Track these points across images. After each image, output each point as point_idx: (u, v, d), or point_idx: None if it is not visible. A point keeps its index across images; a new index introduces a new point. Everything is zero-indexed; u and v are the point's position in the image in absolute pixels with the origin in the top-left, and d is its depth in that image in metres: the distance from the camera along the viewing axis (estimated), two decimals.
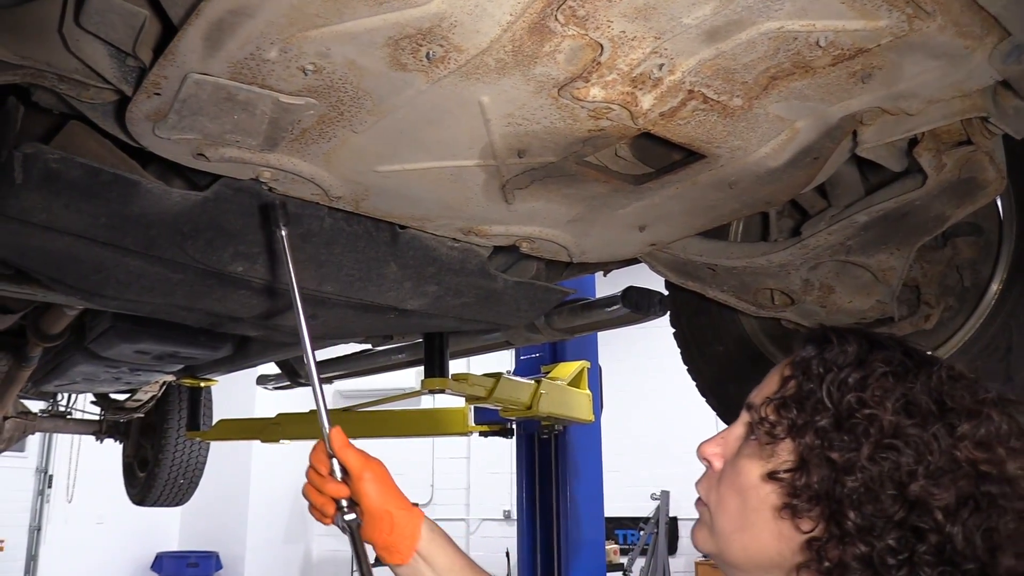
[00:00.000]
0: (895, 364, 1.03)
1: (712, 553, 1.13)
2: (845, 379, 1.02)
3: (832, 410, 1.00)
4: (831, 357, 1.05)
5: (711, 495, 1.13)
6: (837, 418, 1.00)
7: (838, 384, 1.02)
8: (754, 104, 1.34)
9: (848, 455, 0.97)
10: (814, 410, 1.01)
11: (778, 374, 1.11)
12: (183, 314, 2.27)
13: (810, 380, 1.04)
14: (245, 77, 1.16)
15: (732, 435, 1.15)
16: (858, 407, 0.99)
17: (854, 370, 1.02)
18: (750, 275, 2.06)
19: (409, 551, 1.29)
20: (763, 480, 1.04)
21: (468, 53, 1.11)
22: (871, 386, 1.00)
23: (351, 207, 1.61)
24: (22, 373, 4.35)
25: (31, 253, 1.80)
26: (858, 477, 0.96)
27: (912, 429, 0.97)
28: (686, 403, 11.01)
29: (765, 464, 1.05)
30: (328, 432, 1.29)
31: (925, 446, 0.96)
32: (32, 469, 10.33)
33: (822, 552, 0.99)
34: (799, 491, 1.00)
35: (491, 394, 3.44)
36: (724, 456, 1.14)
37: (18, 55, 1.19)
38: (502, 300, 2.11)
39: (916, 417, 0.98)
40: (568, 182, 1.55)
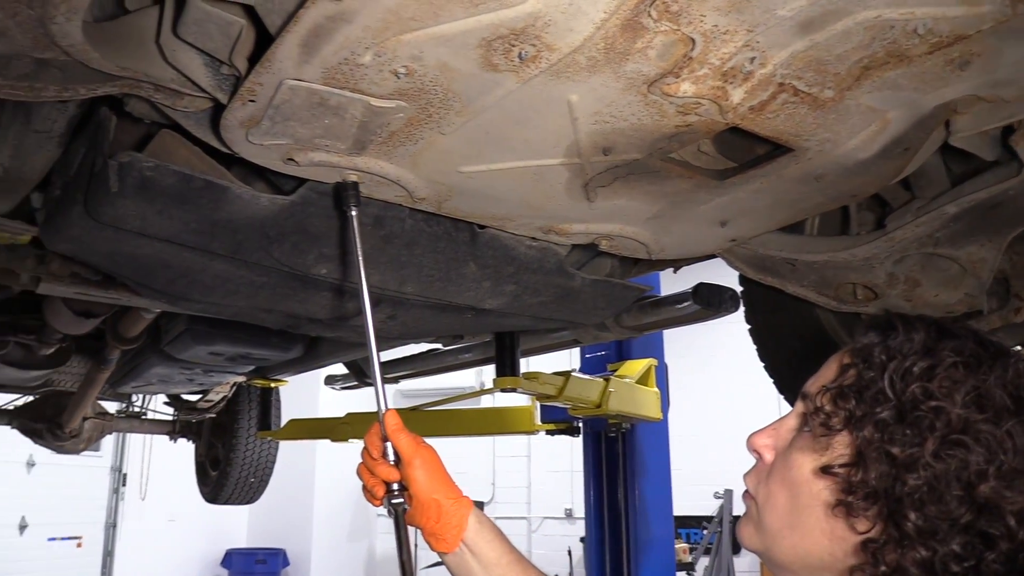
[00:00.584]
0: (967, 354, 0.96)
1: (759, 551, 1.08)
2: (910, 368, 0.95)
3: (894, 401, 0.94)
4: (895, 345, 0.98)
5: (760, 489, 1.08)
6: (900, 410, 0.93)
7: (902, 373, 0.95)
8: (845, 95, 1.31)
9: (911, 450, 0.91)
10: (874, 401, 0.95)
11: (837, 362, 1.04)
12: (263, 316, 2.32)
13: (871, 369, 0.98)
14: (338, 82, 1.18)
15: (785, 426, 1.09)
16: (923, 399, 0.92)
17: (920, 359, 0.95)
18: (831, 269, 2.02)
19: (455, 540, 1.28)
20: (816, 475, 0.98)
21: (560, 52, 1.11)
22: (938, 376, 0.93)
23: (434, 208, 1.62)
24: (101, 375, 4.49)
25: (122, 259, 1.85)
26: (921, 475, 0.90)
27: (983, 425, 0.90)
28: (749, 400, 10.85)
29: (819, 457, 0.99)
30: (383, 414, 1.29)
31: (998, 444, 0.89)
32: (107, 468, 10.66)
33: (878, 555, 0.92)
34: (855, 488, 0.94)
35: (561, 392, 3.43)
36: (775, 448, 1.08)
37: (118, 66, 1.23)
38: (579, 298, 2.10)
39: (988, 412, 0.91)
40: (651, 179, 1.54)
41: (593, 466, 5.25)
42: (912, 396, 0.93)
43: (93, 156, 1.60)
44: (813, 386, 1.05)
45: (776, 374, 2.55)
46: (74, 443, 5.51)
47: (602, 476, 5.19)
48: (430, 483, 1.28)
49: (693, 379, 10.03)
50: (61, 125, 1.68)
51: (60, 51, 1.12)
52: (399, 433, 1.29)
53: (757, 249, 2.04)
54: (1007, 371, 0.95)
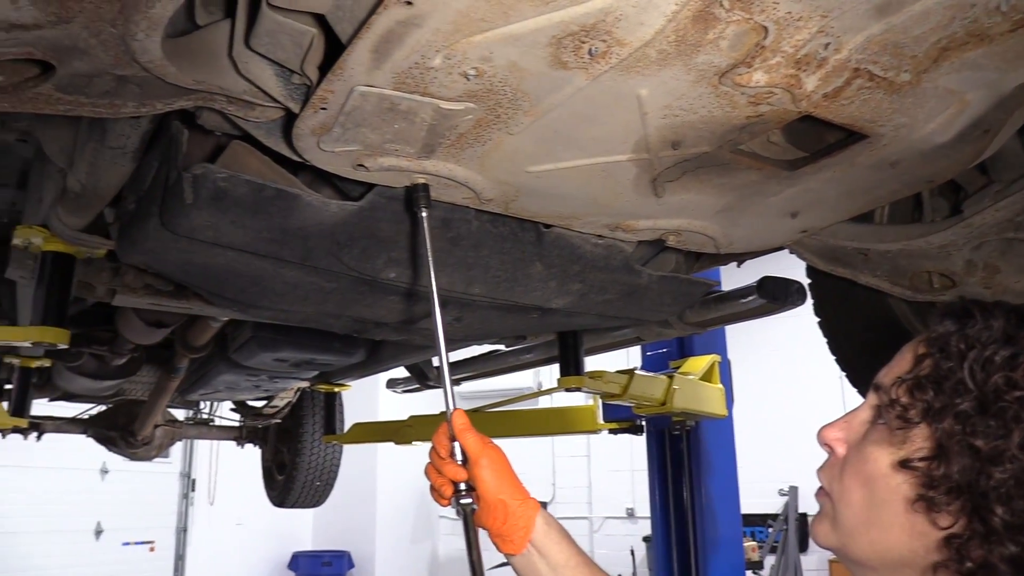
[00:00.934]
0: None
1: (835, 548, 1.04)
2: (991, 357, 0.91)
3: (975, 392, 0.91)
4: (974, 333, 0.95)
5: (834, 485, 1.05)
6: (981, 401, 0.90)
7: (983, 363, 0.91)
8: (923, 78, 1.27)
9: (995, 443, 0.88)
10: (954, 392, 0.92)
11: (911, 352, 1.01)
12: (331, 321, 2.35)
13: (949, 358, 0.94)
14: (408, 86, 1.18)
15: (857, 418, 1.06)
16: (1007, 388, 0.89)
17: (1001, 347, 0.92)
18: (906, 258, 1.97)
19: (522, 541, 1.27)
20: (894, 469, 0.95)
21: (631, 47, 1.10)
22: (1022, 365, 0.90)
23: (500, 209, 1.62)
24: (171, 383, 4.60)
25: (195, 269, 1.89)
26: (1008, 468, 0.86)
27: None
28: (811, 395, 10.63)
29: (896, 451, 0.96)
30: (451, 413, 1.29)
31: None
32: (177, 474, 10.92)
33: (963, 551, 0.89)
34: (936, 482, 0.91)
35: (626, 391, 3.41)
36: (848, 441, 1.05)
37: (193, 80, 1.25)
38: (646, 295, 2.08)
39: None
40: (720, 171, 1.52)
41: (658, 465, 5.20)
42: (995, 386, 0.90)
43: (167, 170, 1.64)
44: (887, 377, 1.02)
45: (848, 367, 2.49)
46: (146, 450, 5.66)
47: (667, 475, 5.14)
48: (497, 483, 1.27)
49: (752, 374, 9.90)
50: (135, 141, 1.72)
51: (139, 67, 1.15)
52: (466, 432, 1.29)
53: (827, 240, 2.00)
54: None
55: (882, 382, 1.03)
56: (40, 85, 1.13)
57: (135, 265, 2.39)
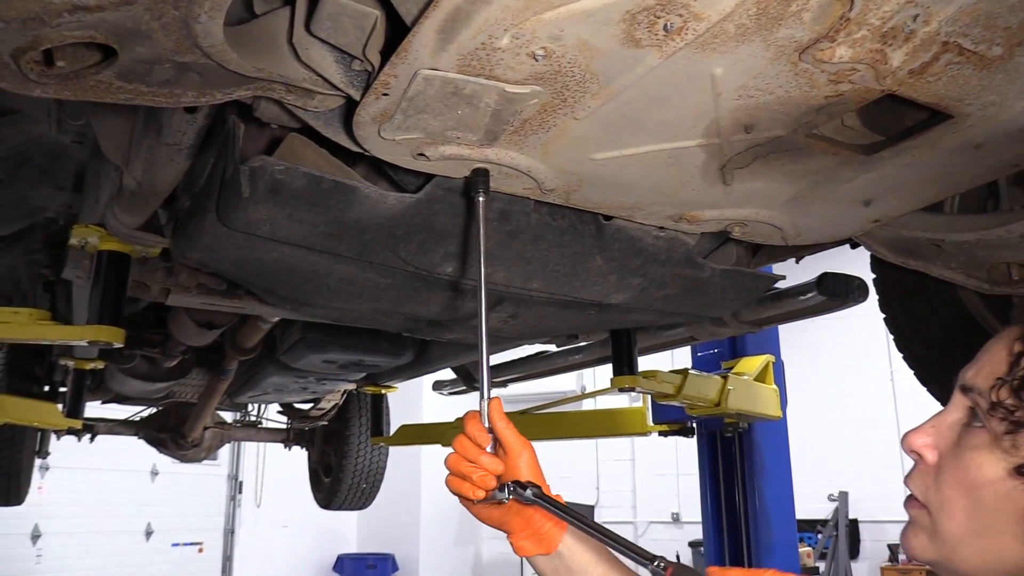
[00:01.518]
0: None
1: (934, 562, 0.98)
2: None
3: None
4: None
5: (930, 495, 0.98)
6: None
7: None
8: (1016, 52, 1.20)
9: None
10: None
11: (1005, 349, 0.95)
12: (384, 319, 2.32)
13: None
14: (473, 69, 1.14)
15: (945, 422, 1.00)
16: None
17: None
18: (983, 249, 1.88)
19: (554, 541, 1.24)
20: (1009, 475, 0.90)
21: (709, 20, 1.04)
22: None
23: (561, 199, 1.57)
24: (220, 385, 4.64)
25: (250, 265, 1.87)
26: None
27: None
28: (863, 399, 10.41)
29: (1008, 457, 0.91)
30: (488, 403, 1.22)
31: None
32: (224, 476, 11.05)
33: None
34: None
35: (680, 391, 3.33)
36: (938, 448, 1.00)
37: (254, 67, 1.22)
38: (708, 290, 2.02)
39: None
40: (793, 157, 1.46)
41: (709, 468, 5.11)
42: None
43: (223, 164, 1.62)
44: (979, 377, 0.96)
45: (917, 364, 2.40)
46: (196, 452, 5.71)
47: (719, 478, 5.05)
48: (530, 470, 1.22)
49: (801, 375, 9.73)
50: (190, 137, 1.71)
51: (200, 53, 1.12)
52: (507, 426, 1.22)
53: (899, 230, 1.92)
54: None
55: (974, 383, 0.97)
56: (101, 72, 1.11)
57: (189, 264, 2.38)
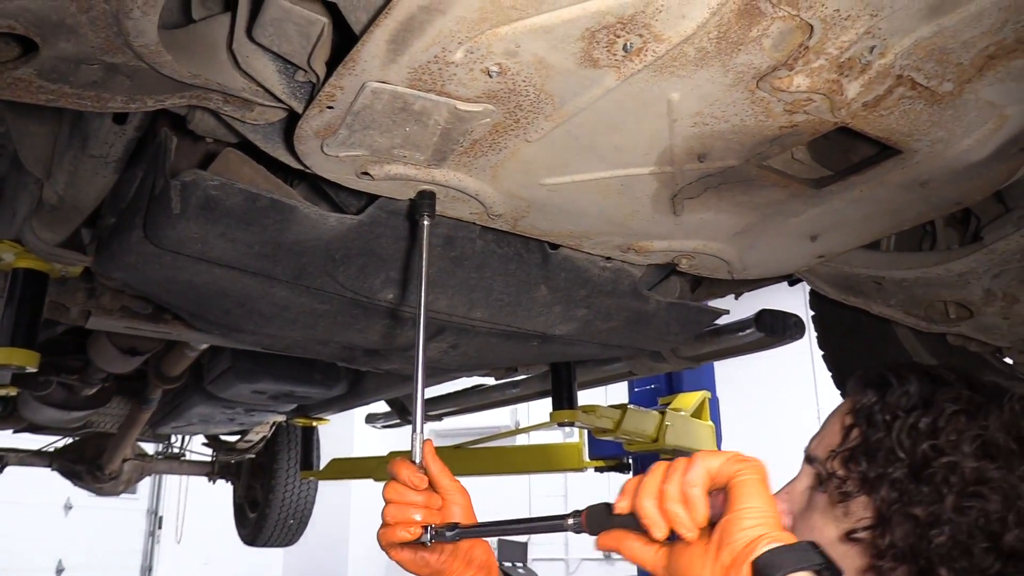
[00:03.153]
0: (963, 401, 0.96)
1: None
2: (915, 424, 0.95)
3: (906, 460, 0.94)
4: (894, 401, 0.99)
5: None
6: (913, 468, 0.93)
7: (908, 431, 0.95)
8: (965, 89, 1.21)
9: (931, 508, 0.91)
10: (886, 461, 0.95)
11: (839, 423, 1.04)
12: (318, 348, 2.23)
13: (876, 429, 0.98)
14: (424, 84, 1.09)
15: (797, 489, 1.08)
16: (934, 455, 0.93)
17: (923, 414, 0.96)
18: (922, 287, 1.90)
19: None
20: (841, 541, 0.98)
21: (669, 43, 1.02)
22: (944, 430, 0.94)
23: (509, 226, 1.53)
24: (142, 415, 4.44)
25: (178, 287, 1.77)
26: (945, 531, 0.90)
27: (996, 473, 0.91)
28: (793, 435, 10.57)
29: (840, 523, 0.99)
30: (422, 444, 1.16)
31: (1012, 489, 0.90)
32: (143, 511, 10.62)
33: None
34: (883, 551, 0.94)
35: (618, 426, 3.31)
36: (792, 512, 1.07)
37: (189, 72, 1.15)
38: (652, 323, 1.99)
39: (998, 459, 0.92)
40: (744, 188, 1.44)
41: None
42: (923, 454, 0.94)
43: (153, 178, 1.53)
44: (819, 449, 1.05)
45: None
46: (114, 485, 5.45)
47: None
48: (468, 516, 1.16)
49: (733, 411, 9.82)
50: (118, 150, 1.62)
51: (131, 54, 1.05)
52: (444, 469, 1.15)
53: (841, 267, 1.93)
54: (1004, 413, 0.95)
55: (815, 454, 1.06)
56: (20, 68, 1.02)
57: (113, 284, 2.26)
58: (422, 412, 1.22)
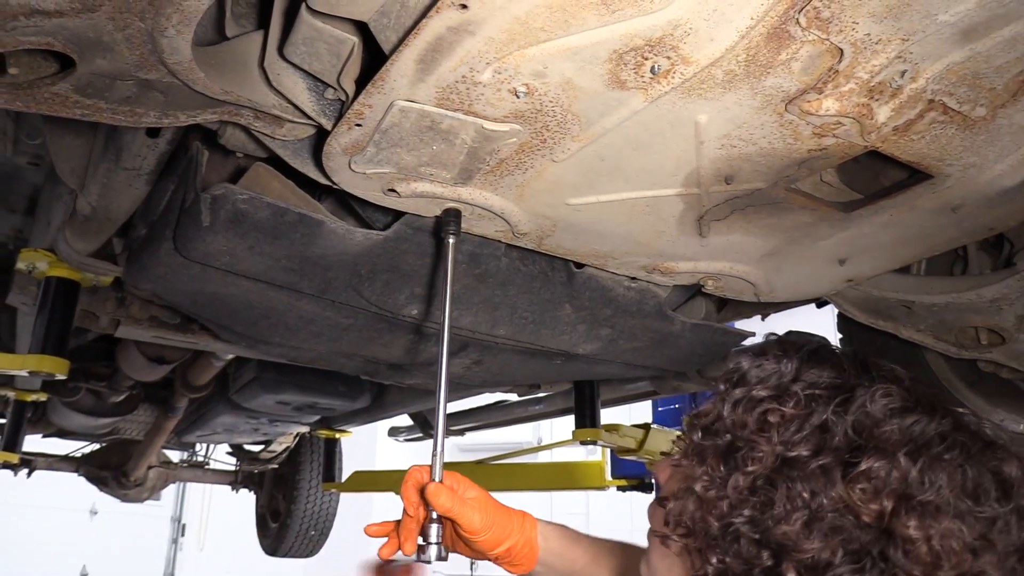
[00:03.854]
0: (821, 385, 0.84)
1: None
2: (752, 396, 0.86)
3: (729, 433, 0.86)
4: (758, 372, 0.88)
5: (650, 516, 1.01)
6: (728, 444, 0.86)
7: (744, 403, 0.86)
8: (998, 114, 1.19)
9: (715, 488, 0.84)
10: (714, 433, 0.88)
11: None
12: (343, 361, 2.24)
13: (722, 398, 0.89)
14: (452, 103, 1.10)
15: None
16: (743, 432, 0.85)
17: (768, 388, 0.85)
18: (953, 312, 1.87)
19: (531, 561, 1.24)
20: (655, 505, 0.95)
21: (697, 65, 1.02)
22: (775, 410, 0.83)
23: (534, 244, 1.53)
24: (168, 424, 4.49)
25: (205, 299, 1.79)
26: (724, 513, 0.82)
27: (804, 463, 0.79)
28: None
29: (669, 486, 0.95)
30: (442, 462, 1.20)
31: (805, 483, 0.78)
32: (167, 518, 10.69)
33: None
34: (671, 521, 0.88)
35: (641, 445, 3.28)
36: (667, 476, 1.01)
37: (221, 89, 1.17)
38: (676, 344, 1.98)
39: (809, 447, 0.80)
40: (771, 211, 1.43)
41: None
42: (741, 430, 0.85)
43: (184, 191, 1.55)
44: None
45: None
46: (138, 492, 5.51)
47: None
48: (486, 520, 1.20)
49: None
50: (151, 162, 1.64)
51: (165, 71, 1.07)
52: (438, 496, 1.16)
53: (870, 291, 1.90)
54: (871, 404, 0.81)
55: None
56: (58, 84, 1.04)
57: (142, 294, 2.29)
58: (443, 428, 1.24)
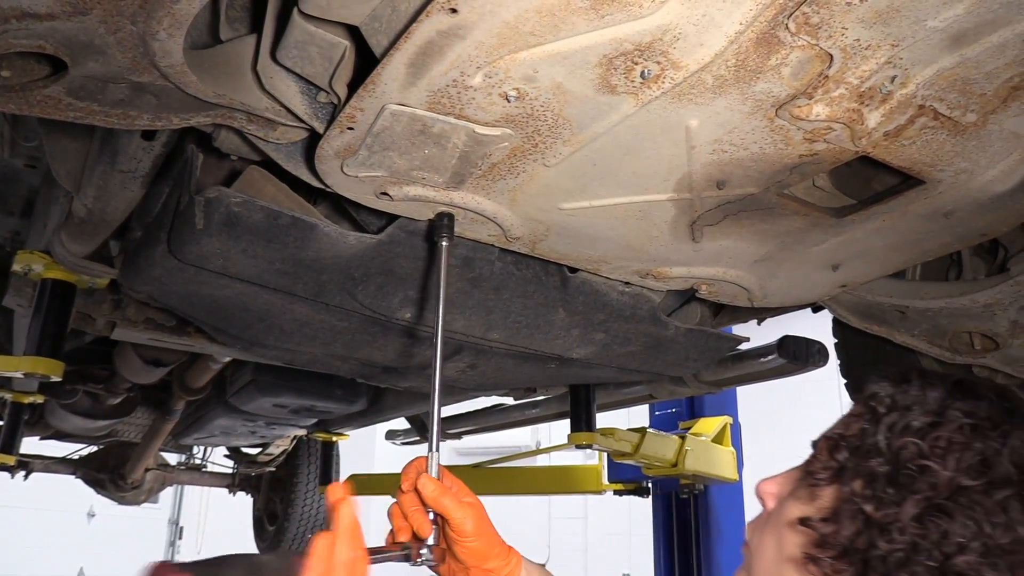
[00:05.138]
0: (980, 416, 0.85)
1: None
2: (909, 423, 0.86)
3: (886, 456, 0.85)
4: (904, 399, 0.89)
5: (754, 537, 1.01)
6: (890, 467, 0.85)
7: (901, 428, 0.86)
8: (989, 119, 1.20)
9: (886, 510, 0.82)
10: (867, 454, 0.87)
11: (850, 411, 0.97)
12: (338, 364, 2.24)
13: (871, 421, 0.89)
14: (443, 107, 1.10)
15: (793, 474, 1.01)
16: (913, 457, 0.83)
17: (923, 415, 0.86)
18: (947, 317, 1.87)
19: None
20: (793, 525, 0.92)
21: (687, 70, 1.02)
22: (937, 436, 0.84)
23: (527, 249, 1.53)
24: (165, 426, 4.49)
25: (200, 301, 1.80)
26: (896, 539, 0.80)
27: (975, 493, 0.80)
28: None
29: (803, 507, 0.93)
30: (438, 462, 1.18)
31: (986, 515, 0.78)
32: (165, 520, 10.69)
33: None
34: (825, 543, 0.86)
35: (637, 450, 3.28)
36: (779, 496, 1.01)
37: (214, 92, 1.17)
38: (671, 349, 1.98)
39: (983, 479, 0.80)
40: (763, 216, 1.43)
41: (664, 529, 5.02)
42: (903, 454, 0.85)
43: (178, 194, 1.56)
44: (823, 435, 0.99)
45: None
46: (136, 494, 5.51)
47: (673, 539, 4.96)
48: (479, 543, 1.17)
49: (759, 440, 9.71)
50: (146, 165, 1.64)
51: (158, 74, 1.07)
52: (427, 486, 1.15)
53: (864, 296, 1.91)
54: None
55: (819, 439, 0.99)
56: (50, 87, 1.05)
57: (138, 297, 2.29)
58: (438, 430, 1.24)
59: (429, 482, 1.15)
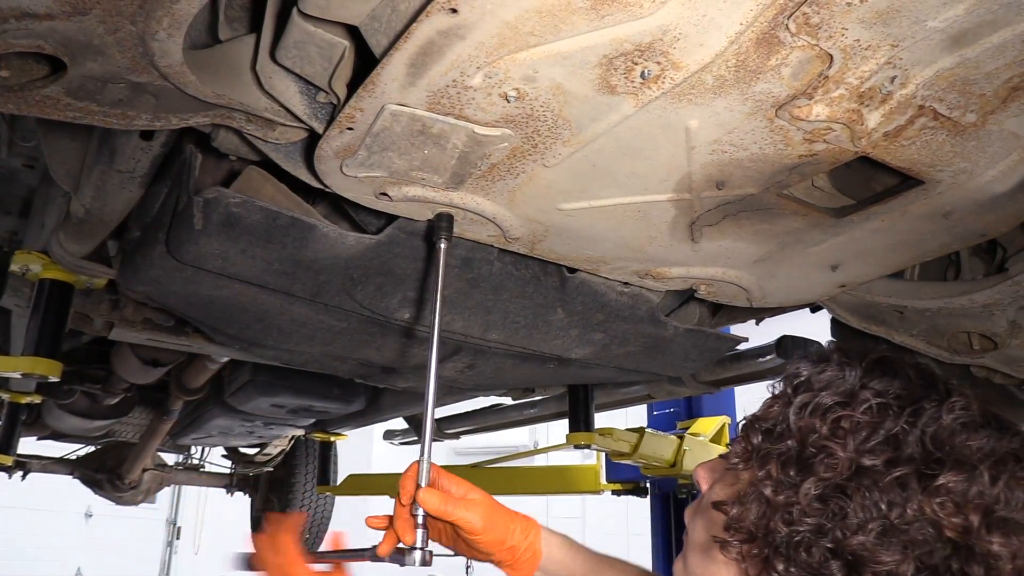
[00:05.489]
0: (890, 395, 0.84)
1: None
2: (819, 403, 0.85)
3: (796, 438, 0.85)
4: (821, 378, 0.88)
5: (690, 521, 1.01)
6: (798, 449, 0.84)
7: (811, 410, 0.85)
8: (988, 120, 1.20)
9: (786, 493, 0.82)
10: (779, 437, 0.87)
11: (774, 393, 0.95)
12: (336, 364, 2.24)
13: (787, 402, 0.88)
14: (442, 107, 1.10)
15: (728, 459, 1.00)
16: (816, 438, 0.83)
17: (834, 395, 0.85)
18: (945, 317, 1.87)
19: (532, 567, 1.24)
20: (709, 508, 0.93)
21: (687, 70, 1.02)
22: (841, 416, 0.82)
23: (526, 249, 1.53)
24: (163, 426, 4.48)
25: (199, 302, 1.79)
26: (796, 521, 0.80)
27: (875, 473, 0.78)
28: None
29: (724, 491, 0.93)
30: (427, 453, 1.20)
31: (883, 493, 0.77)
32: (162, 520, 10.68)
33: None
34: (732, 527, 0.87)
35: (635, 450, 3.28)
36: (711, 480, 1.00)
37: (213, 92, 1.17)
38: (669, 349, 1.98)
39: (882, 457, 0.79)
40: (763, 217, 1.43)
41: (662, 529, 5.01)
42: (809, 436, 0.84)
43: (177, 194, 1.55)
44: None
45: None
46: (133, 494, 5.50)
47: (671, 540, 4.96)
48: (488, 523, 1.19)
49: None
50: (144, 165, 1.64)
51: (157, 74, 1.07)
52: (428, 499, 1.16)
53: (863, 296, 1.90)
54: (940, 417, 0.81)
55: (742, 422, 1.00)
56: (49, 86, 1.05)
57: (136, 297, 2.29)
58: (431, 432, 1.24)
59: (430, 496, 1.16)
